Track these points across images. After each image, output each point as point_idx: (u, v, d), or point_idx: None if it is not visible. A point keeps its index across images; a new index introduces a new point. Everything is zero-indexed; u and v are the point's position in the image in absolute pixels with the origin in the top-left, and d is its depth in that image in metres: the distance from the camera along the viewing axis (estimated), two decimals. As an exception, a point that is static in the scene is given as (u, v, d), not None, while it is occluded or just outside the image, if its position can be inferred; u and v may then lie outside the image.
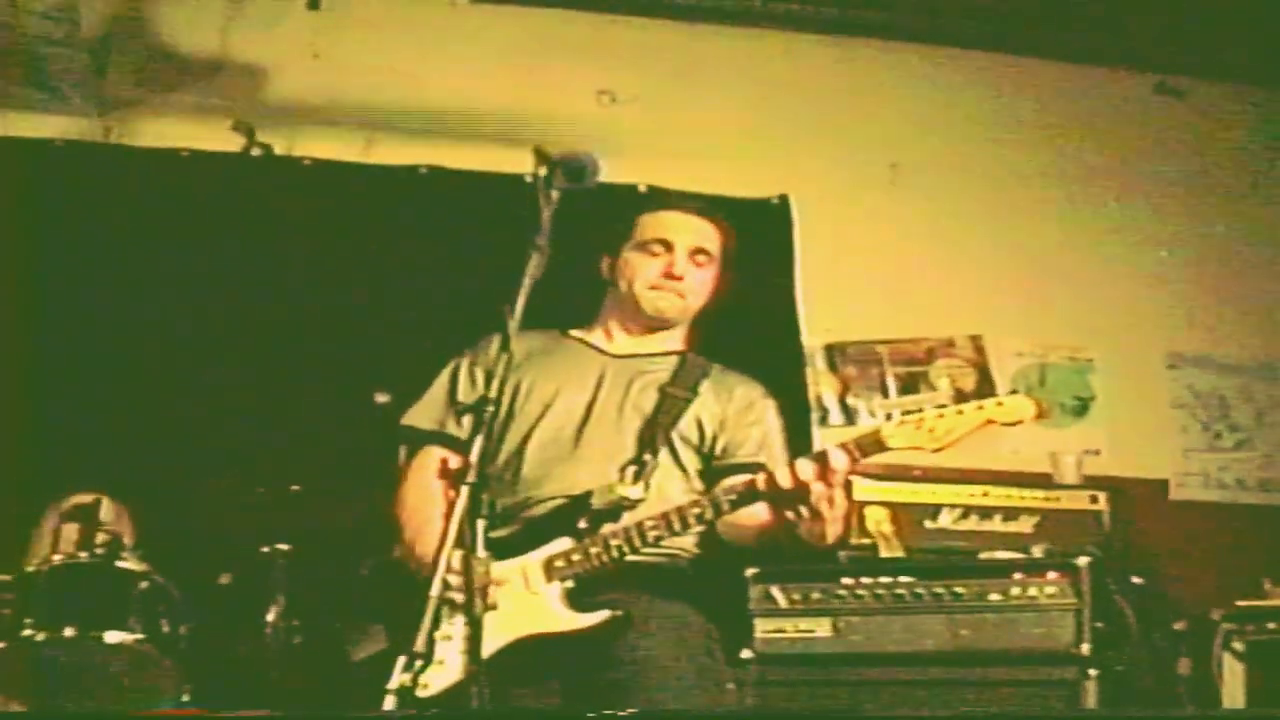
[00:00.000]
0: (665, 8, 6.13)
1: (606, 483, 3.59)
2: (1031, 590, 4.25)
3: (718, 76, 6.15)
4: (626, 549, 3.50)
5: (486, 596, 3.09)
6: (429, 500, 3.61)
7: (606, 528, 3.54)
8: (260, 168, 5.72)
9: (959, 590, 4.30)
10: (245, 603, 4.70)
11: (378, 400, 4.73)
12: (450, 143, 5.88)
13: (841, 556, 4.66)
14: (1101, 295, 6.15)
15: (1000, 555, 4.56)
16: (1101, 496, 4.92)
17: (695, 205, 3.99)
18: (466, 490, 3.04)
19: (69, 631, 4.28)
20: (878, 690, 4.30)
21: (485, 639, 3.04)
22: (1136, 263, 6.22)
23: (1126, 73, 6.41)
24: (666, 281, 3.86)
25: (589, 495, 3.58)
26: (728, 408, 3.80)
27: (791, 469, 3.42)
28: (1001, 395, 3.48)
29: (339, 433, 5.26)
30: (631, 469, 3.64)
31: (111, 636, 4.30)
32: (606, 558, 3.50)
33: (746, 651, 4.38)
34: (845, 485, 3.47)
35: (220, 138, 5.70)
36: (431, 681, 3.20)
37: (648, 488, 3.59)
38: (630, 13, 6.12)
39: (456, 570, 3.06)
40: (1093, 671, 4.11)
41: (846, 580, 4.40)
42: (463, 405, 3.61)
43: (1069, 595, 4.20)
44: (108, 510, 4.63)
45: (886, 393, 6.01)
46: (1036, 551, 4.58)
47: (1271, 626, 4.78)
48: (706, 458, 3.77)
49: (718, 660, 3.79)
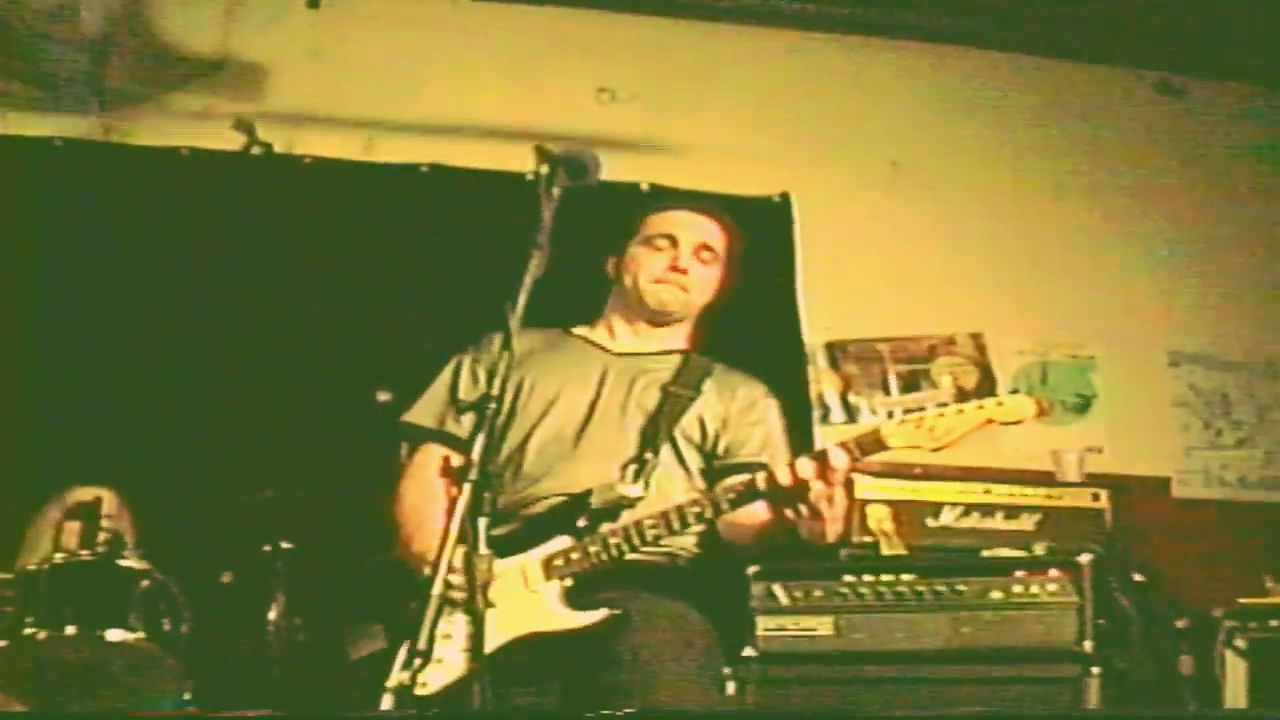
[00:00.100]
0: (666, 5, 6.12)
1: (607, 481, 3.60)
2: (1033, 588, 4.23)
3: (719, 74, 6.14)
4: (626, 548, 3.50)
5: (488, 594, 3.10)
6: (428, 498, 3.61)
7: (606, 526, 3.54)
8: (260, 166, 5.70)
9: (960, 588, 4.28)
10: (247, 601, 4.71)
11: (379, 398, 4.74)
12: (451, 141, 5.87)
13: (843, 554, 4.63)
14: (1103, 293, 6.15)
15: (1002, 553, 4.53)
16: (1103, 494, 4.90)
17: (702, 204, 4.01)
18: (469, 488, 3.04)
19: (70, 630, 4.27)
20: (879, 688, 4.29)
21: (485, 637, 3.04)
22: (1137, 260, 6.22)
23: (1128, 71, 6.40)
24: (671, 275, 3.87)
25: (589, 494, 3.58)
26: (730, 407, 3.81)
27: (791, 468, 3.42)
28: (1002, 394, 3.49)
29: (340, 431, 5.26)
30: (632, 468, 3.64)
31: (113, 635, 4.29)
32: (605, 556, 3.50)
33: (748, 649, 4.37)
34: (845, 484, 3.48)
35: (220, 136, 5.69)
36: (430, 680, 3.20)
37: (648, 486, 3.60)
38: (631, 11, 6.12)
39: (457, 568, 3.06)
40: (1095, 669, 4.08)
41: (848, 578, 4.37)
42: (464, 403, 3.63)
43: (1071, 593, 4.18)
44: (109, 508, 4.63)
45: (888, 390, 6.01)
46: (1038, 549, 4.56)
47: (1274, 624, 4.77)
48: (709, 456, 3.77)
49: (716, 659, 3.79)
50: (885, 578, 4.35)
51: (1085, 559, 4.21)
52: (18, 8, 5.18)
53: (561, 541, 3.54)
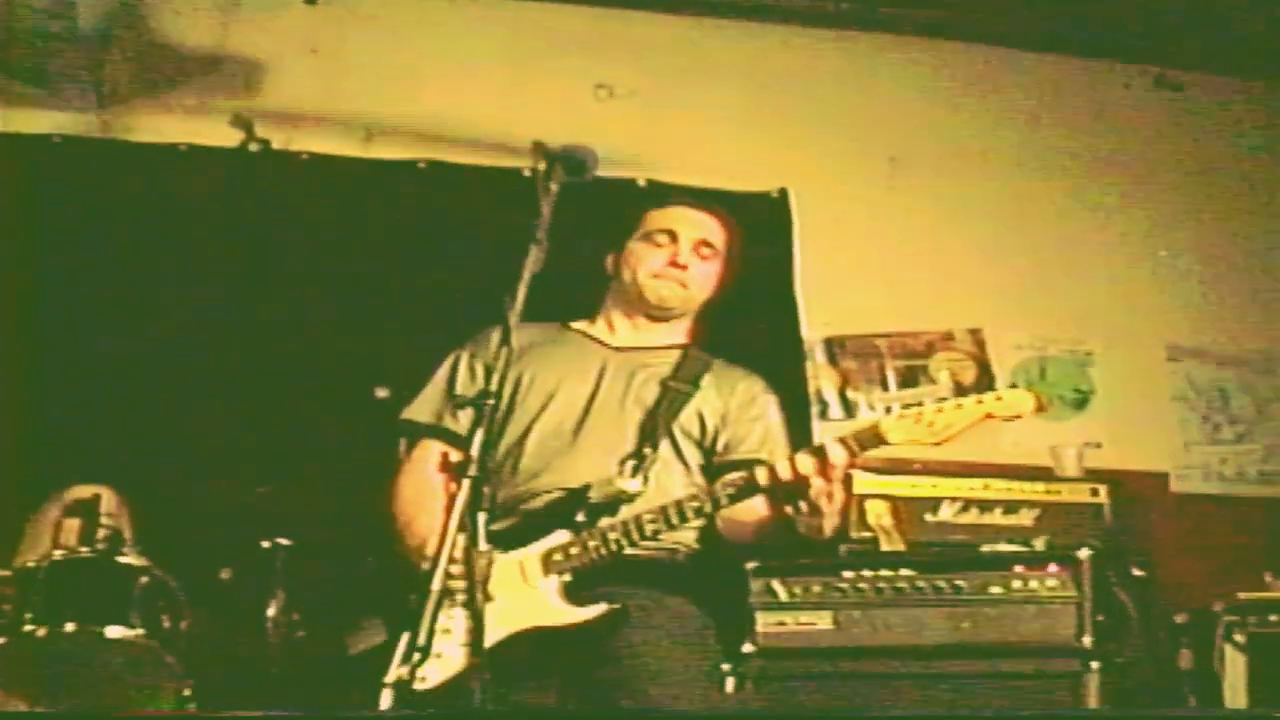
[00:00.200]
0: (664, 2, 6.12)
1: (605, 476, 3.59)
2: (1032, 583, 4.23)
3: (716, 70, 6.13)
4: (624, 542, 3.50)
5: (488, 589, 3.10)
6: (426, 493, 3.61)
7: (604, 521, 3.53)
8: (258, 163, 5.70)
9: (960, 583, 4.29)
10: (246, 598, 4.70)
11: (377, 395, 4.73)
12: (448, 137, 5.87)
13: (842, 550, 4.66)
14: (1101, 288, 6.15)
15: (1001, 548, 4.55)
16: (1102, 489, 4.92)
17: (702, 200, 4.01)
18: (467, 484, 3.04)
19: (69, 627, 4.26)
20: (879, 683, 4.29)
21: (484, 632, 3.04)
22: (1136, 255, 6.22)
23: (1125, 66, 6.40)
24: (670, 270, 3.86)
25: (587, 488, 3.58)
26: (729, 402, 3.80)
27: (791, 463, 3.42)
28: (1001, 389, 3.48)
29: (338, 427, 5.25)
30: (631, 463, 3.64)
31: (112, 632, 4.28)
32: (604, 551, 3.50)
33: (747, 645, 4.37)
34: (844, 479, 3.48)
35: (218, 133, 5.69)
36: (429, 675, 3.19)
37: (646, 481, 3.59)
38: (628, 7, 6.11)
39: (456, 562, 3.06)
40: (1094, 664, 4.09)
41: (847, 573, 4.38)
42: (463, 399, 3.62)
43: (1070, 588, 4.19)
44: (108, 505, 4.63)
45: (886, 386, 6.00)
46: (1037, 544, 4.57)
47: (1273, 619, 4.78)
48: (708, 452, 3.77)
49: (716, 654, 3.79)
50: (884, 573, 4.36)
51: (1084, 554, 4.22)
52: (15, 5, 5.16)
53: (560, 536, 3.53)
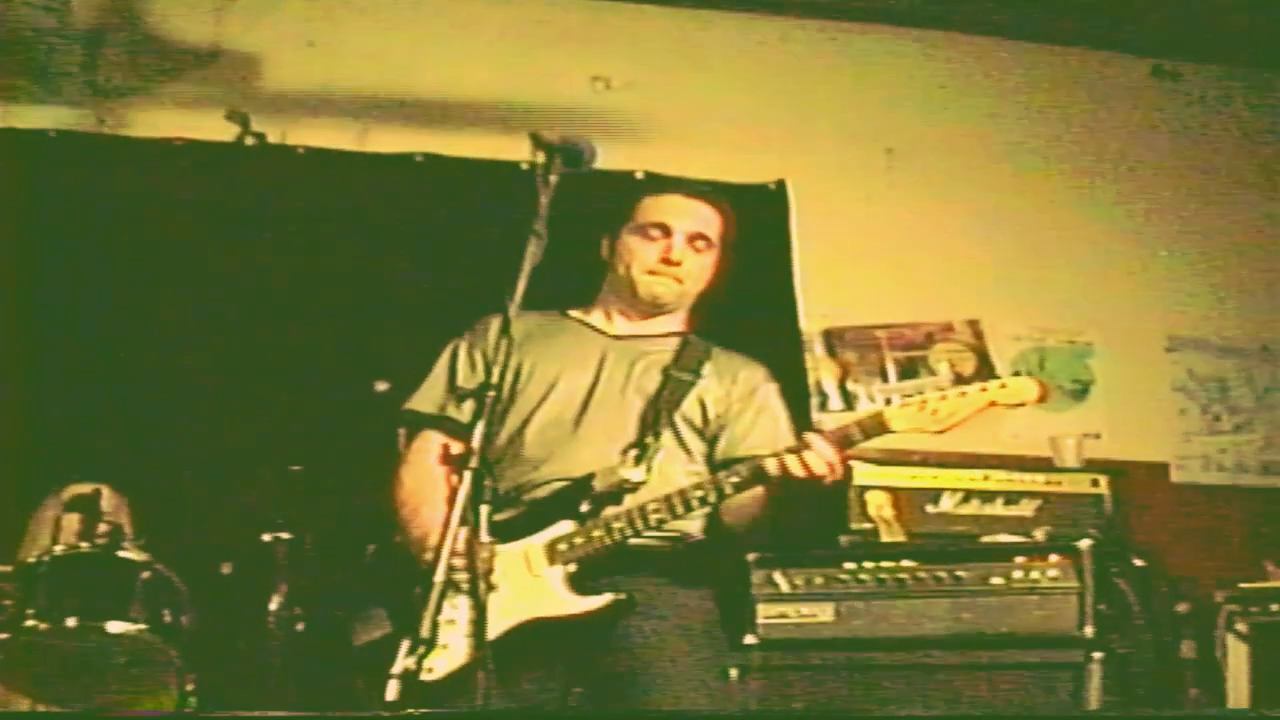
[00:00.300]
0: (660, -7, 6.13)
1: (609, 465, 3.58)
2: (1034, 573, 4.22)
3: (713, 62, 6.14)
4: (629, 531, 3.48)
5: (490, 580, 3.09)
6: (427, 484, 3.59)
7: (608, 510, 3.52)
8: (254, 157, 5.70)
9: (961, 574, 4.28)
10: (247, 592, 4.70)
11: (377, 389, 4.72)
12: (445, 130, 5.87)
13: (843, 541, 4.65)
14: (1100, 278, 6.16)
15: (1002, 539, 4.55)
16: (1102, 480, 4.91)
17: (697, 189, 3.95)
18: (469, 475, 3.03)
19: (71, 622, 4.28)
20: (880, 675, 4.29)
21: (488, 623, 3.03)
22: (1134, 246, 6.23)
23: (1123, 56, 6.41)
24: (663, 267, 3.80)
25: (591, 478, 3.56)
26: (731, 391, 3.77)
27: (800, 460, 3.42)
28: (1005, 377, 3.47)
29: (338, 421, 5.25)
30: (633, 451, 3.62)
31: (114, 626, 4.29)
32: (609, 540, 3.48)
33: (749, 637, 4.36)
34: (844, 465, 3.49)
35: (214, 127, 5.68)
36: (435, 666, 3.18)
37: (650, 470, 3.57)
38: (625, -1, 6.13)
39: (460, 553, 3.05)
40: (1096, 654, 4.09)
41: (848, 565, 4.37)
42: (464, 390, 3.60)
43: (1071, 578, 4.18)
44: (108, 500, 4.62)
45: (886, 377, 6.00)
46: (1038, 535, 4.57)
47: (1275, 608, 4.79)
48: (710, 441, 3.75)
49: (720, 643, 3.78)
50: (886, 564, 4.35)
51: (1085, 544, 4.21)
52: (11, 0, 5.16)
53: (564, 526, 3.51)
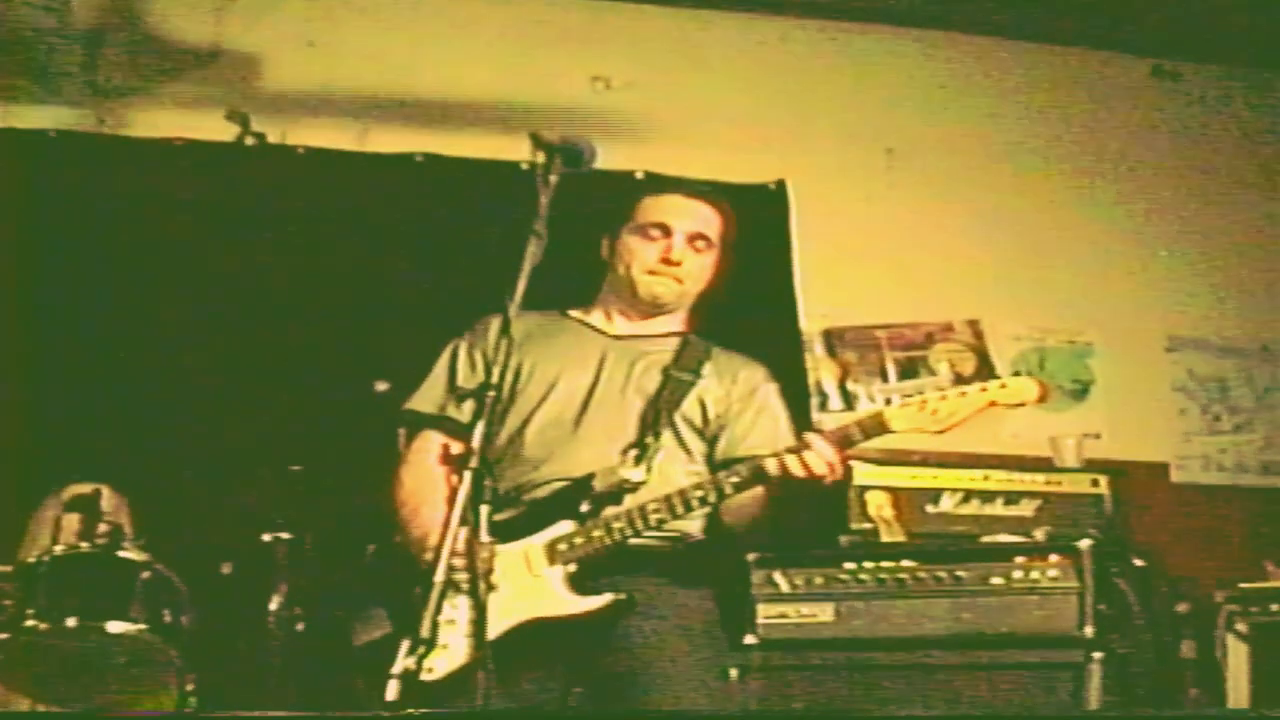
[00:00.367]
0: (660, -7, 6.13)
1: (609, 465, 3.58)
2: (1034, 574, 4.22)
3: (713, 62, 6.14)
4: (629, 531, 3.48)
5: (490, 581, 3.09)
6: (427, 484, 3.59)
7: (608, 510, 3.52)
8: (255, 157, 5.70)
9: (961, 574, 4.28)
10: (247, 592, 4.70)
11: (377, 389, 4.72)
12: (445, 130, 5.87)
13: (843, 541, 4.65)
14: (1099, 278, 6.16)
15: (1002, 539, 4.55)
16: (1102, 480, 4.91)
17: (697, 189, 3.95)
18: (469, 476, 3.03)
19: (71, 622, 4.27)
20: (880, 675, 4.29)
21: (489, 623, 3.03)
22: (1134, 246, 6.23)
23: (1123, 56, 6.41)
24: (663, 267, 3.80)
25: (591, 478, 3.56)
26: (731, 391, 3.77)
27: (800, 460, 3.42)
28: (1005, 377, 3.47)
29: (338, 421, 5.25)
30: (633, 451, 3.61)
31: (114, 627, 4.29)
32: (609, 541, 3.48)
33: (749, 637, 4.36)
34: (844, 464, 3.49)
35: (214, 127, 5.68)
36: (436, 666, 3.18)
37: (650, 470, 3.57)
38: (624, -1, 6.13)
39: (459, 553, 3.05)
40: (1096, 654, 4.09)
41: (848, 565, 4.37)
42: (464, 391, 3.59)
43: (1071, 578, 4.18)
44: (108, 500, 4.62)
45: (886, 378, 6.00)
46: (1038, 535, 4.57)
47: (1275, 608, 4.79)
48: (710, 441, 3.75)
49: (720, 643, 3.78)
50: (886, 564, 4.35)
51: (1085, 544, 4.21)
52: (10, 1, 5.16)
53: (564, 526, 3.51)
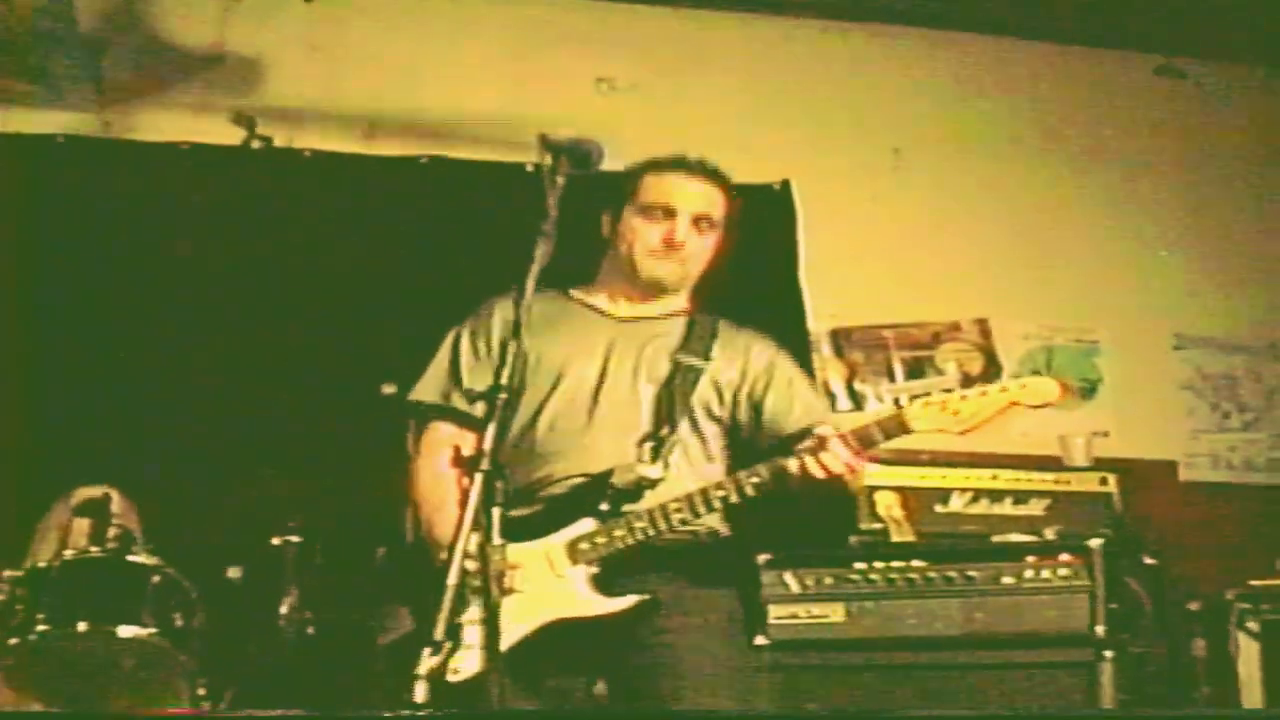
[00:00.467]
0: (664, -5, 6.12)
1: (626, 460, 3.54)
2: (1044, 573, 4.24)
3: (718, 62, 6.13)
4: (651, 530, 3.46)
5: (503, 584, 3.07)
6: (442, 484, 3.55)
7: (629, 508, 3.49)
8: (260, 160, 5.71)
9: (972, 574, 4.29)
10: (257, 595, 4.69)
11: (383, 392, 4.71)
12: (450, 132, 5.86)
13: (853, 541, 4.66)
14: (1107, 277, 6.16)
15: (1012, 538, 4.56)
16: (1111, 478, 4.92)
17: (700, 168, 3.90)
18: (480, 478, 3.00)
19: (82, 626, 4.25)
20: (891, 675, 4.29)
21: (512, 624, 3.02)
22: (1141, 244, 6.22)
23: (1128, 54, 6.41)
24: (666, 249, 3.78)
25: (609, 474, 3.53)
26: (747, 367, 3.73)
27: (819, 462, 3.39)
28: (1025, 378, 3.46)
29: (345, 423, 5.24)
30: (649, 445, 3.58)
31: (124, 631, 4.27)
32: (631, 540, 3.46)
33: (760, 638, 4.36)
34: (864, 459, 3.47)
35: (220, 130, 5.69)
36: (461, 666, 3.15)
37: (667, 466, 3.54)
38: (629, 0, 6.10)
39: (473, 556, 3.03)
40: (1108, 653, 4.10)
41: (859, 565, 4.38)
42: (474, 392, 3.57)
43: (1082, 577, 4.19)
44: (118, 504, 4.61)
45: (893, 377, 6.00)
46: (1048, 534, 4.58)
47: (1286, 606, 4.79)
48: (732, 423, 3.70)
49: (744, 642, 3.76)
50: (896, 564, 4.36)
51: (1095, 543, 4.22)
52: (15, 5, 5.15)
53: (586, 525, 3.48)
